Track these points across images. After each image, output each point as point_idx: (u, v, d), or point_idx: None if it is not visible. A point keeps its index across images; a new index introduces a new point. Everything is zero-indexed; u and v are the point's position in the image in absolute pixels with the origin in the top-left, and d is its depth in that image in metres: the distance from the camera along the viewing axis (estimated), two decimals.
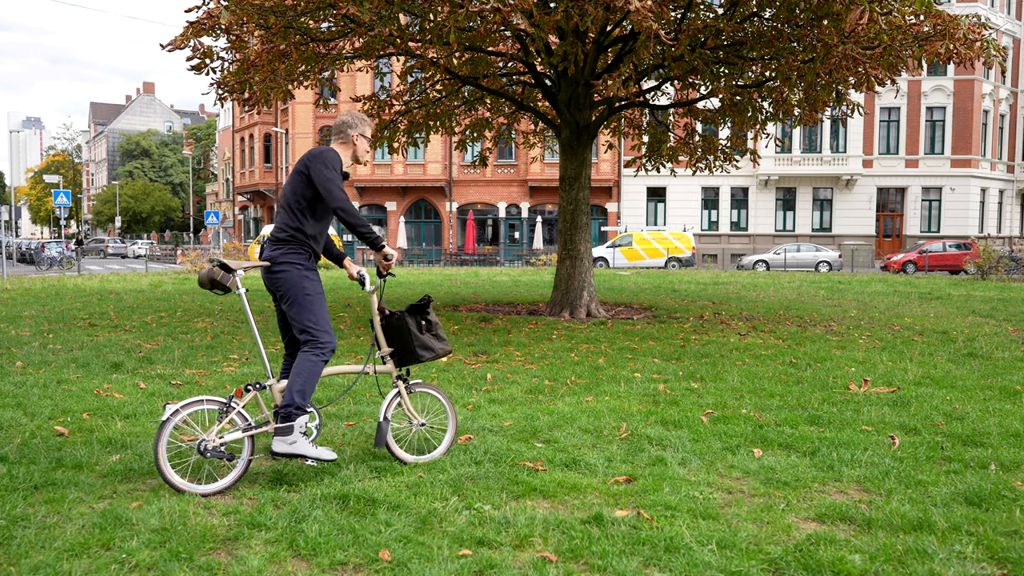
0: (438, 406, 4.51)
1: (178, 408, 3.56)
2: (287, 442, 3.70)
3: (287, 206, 3.87)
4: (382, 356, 4.15)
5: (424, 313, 4.20)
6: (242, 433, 3.71)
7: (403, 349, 4.14)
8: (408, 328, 4.12)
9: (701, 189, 40.80)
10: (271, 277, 3.83)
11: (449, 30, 8.73)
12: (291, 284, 3.79)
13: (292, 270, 3.79)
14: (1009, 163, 42.09)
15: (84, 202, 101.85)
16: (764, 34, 10.25)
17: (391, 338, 4.15)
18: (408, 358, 4.15)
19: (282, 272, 3.79)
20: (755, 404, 5.65)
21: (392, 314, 4.17)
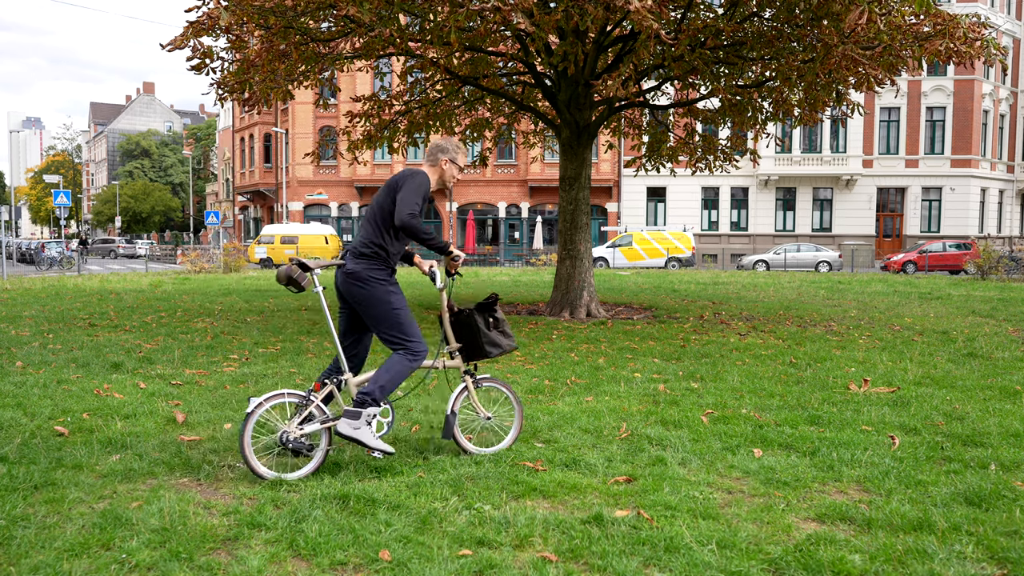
0: (504, 400, 4.62)
1: (261, 401, 3.73)
2: (352, 426, 3.86)
3: (373, 221, 4.03)
4: (450, 352, 4.30)
5: (491, 311, 4.35)
6: (320, 425, 3.87)
7: (471, 345, 4.29)
8: (476, 325, 4.27)
9: (701, 189, 40.79)
10: (352, 289, 3.97)
11: (449, 30, 8.74)
12: (377, 300, 3.95)
13: (377, 286, 3.95)
14: (1009, 163, 42.09)
15: (84, 202, 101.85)
16: (764, 34, 10.25)
17: (459, 334, 4.31)
18: (476, 354, 4.29)
19: (367, 287, 3.94)
20: (755, 404, 5.65)
21: (460, 311, 4.32)
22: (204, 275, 24.99)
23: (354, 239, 3.61)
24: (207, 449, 4.38)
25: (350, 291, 3.97)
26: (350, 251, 4.04)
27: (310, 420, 3.87)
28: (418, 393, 5.99)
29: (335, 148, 15.33)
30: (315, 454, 3.90)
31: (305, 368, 7.07)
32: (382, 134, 13.89)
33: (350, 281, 3.96)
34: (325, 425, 3.88)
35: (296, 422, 3.80)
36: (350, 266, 3.97)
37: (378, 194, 4.10)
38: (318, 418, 3.89)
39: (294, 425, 3.79)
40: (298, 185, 43.27)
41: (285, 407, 4.01)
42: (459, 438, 4.25)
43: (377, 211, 4.02)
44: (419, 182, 3.98)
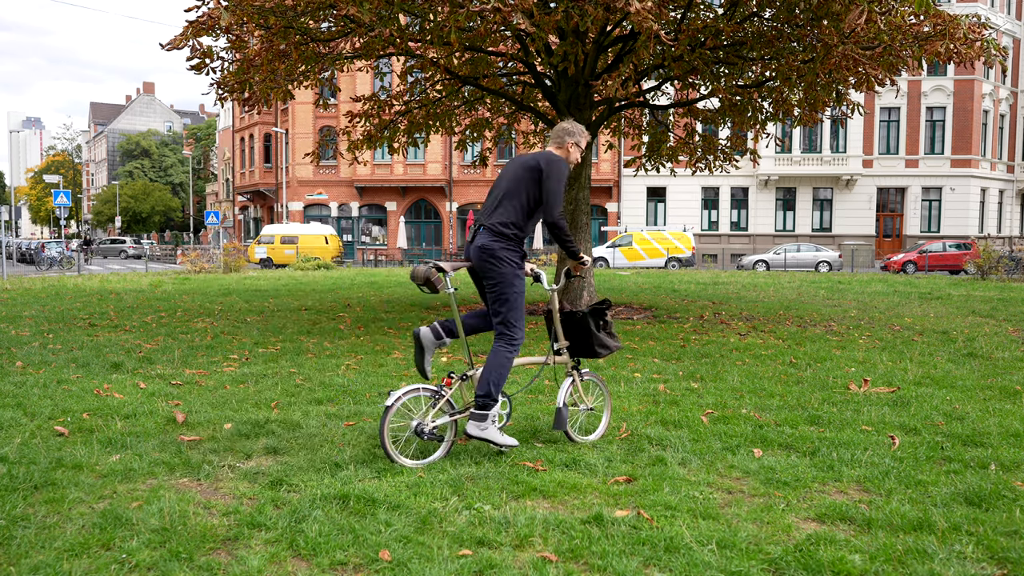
0: (599, 392, 4.89)
1: (400, 395, 4.03)
2: (480, 427, 4.13)
3: (514, 202, 4.14)
4: (559, 348, 4.55)
5: (603, 315, 4.61)
6: (449, 418, 4.16)
7: (580, 344, 4.56)
8: (589, 327, 4.53)
9: (701, 189, 40.80)
10: (484, 263, 4.12)
11: (450, 30, 8.74)
12: (505, 280, 4.12)
13: (509, 268, 4.12)
14: (1009, 163, 42.10)
15: (84, 202, 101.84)
16: (764, 34, 10.25)
17: (568, 333, 4.57)
18: (585, 352, 4.56)
19: (500, 266, 4.11)
20: (755, 404, 5.65)
21: (574, 313, 4.57)
22: (204, 275, 25.00)
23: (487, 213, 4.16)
24: (207, 449, 4.38)
25: (482, 264, 4.13)
26: (487, 227, 4.15)
27: (444, 412, 4.17)
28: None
29: (335, 148, 15.33)
30: (443, 443, 4.19)
31: (305, 368, 7.07)
32: (382, 134, 13.89)
33: (484, 255, 4.10)
34: (453, 418, 4.18)
35: (430, 414, 4.08)
36: (487, 242, 4.10)
37: (516, 172, 4.20)
38: (447, 412, 4.17)
39: (428, 418, 4.07)
40: (298, 185, 43.27)
41: (420, 400, 4.22)
42: (568, 429, 4.50)
43: (518, 191, 4.14)
44: (564, 172, 4.15)
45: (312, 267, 29.26)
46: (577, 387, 4.63)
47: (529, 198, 4.14)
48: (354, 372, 6.89)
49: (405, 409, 4.21)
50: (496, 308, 4.16)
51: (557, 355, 4.55)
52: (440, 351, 8.12)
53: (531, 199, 4.15)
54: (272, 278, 22.81)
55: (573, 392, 4.63)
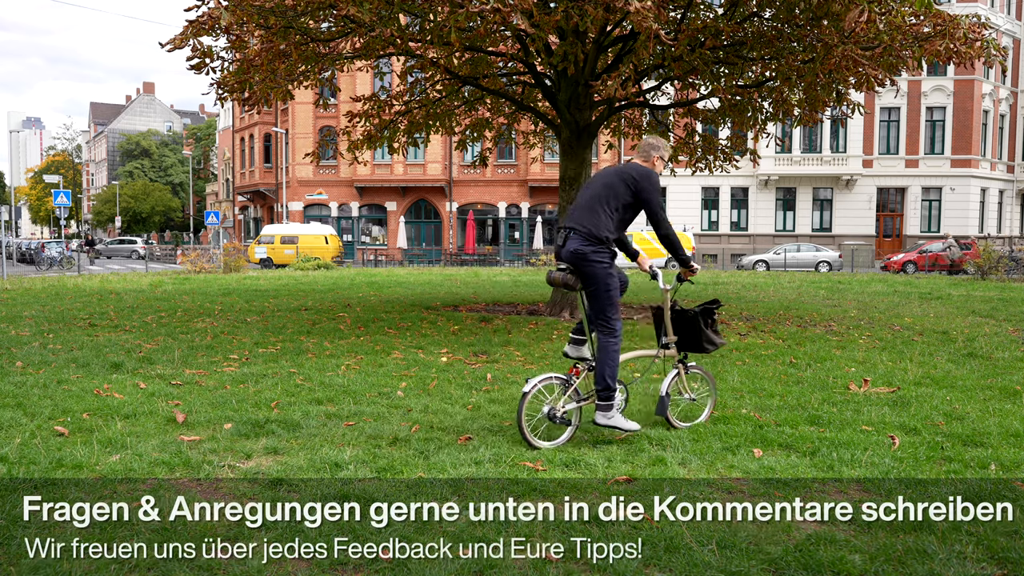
0: (704, 384, 5.24)
1: (536, 383, 4.45)
2: (607, 416, 4.54)
3: (603, 208, 4.50)
4: (667, 343, 4.95)
5: (712, 314, 5.04)
6: (575, 404, 4.55)
7: (689, 339, 5.00)
8: (699, 325, 4.95)
9: (701, 189, 40.79)
10: (579, 265, 4.50)
11: (450, 30, 8.73)
12: (601, 280, 4.49)
13: (602, 269, 4.49)
14: (1009, 163, 42.10)
15: (84, 202, 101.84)
16: (764, 34, 10.24)
17: (677, 328, 4.99)
18: (692, 347, 5.00)
19: (594, 268, 4.48)
20: (755, 404, 5.65)
21: (685, 311, 5.00)
22: (204, 275, 24.99)
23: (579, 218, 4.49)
24: (207, 449, 4.38)
25: (577, 266, 4.50)
26: (579, 232, 4.47)
27: (573, 399, 4.56)
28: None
29: (335, 148, 15.31)
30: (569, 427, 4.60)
31: (305, 368, 7.07)
32: (382, 134, 13.88)
33: (578, 258, 4.47)
34: (579, 405, 4.59)
35: (561, 400, 4.49)
36: (579, 246, 4.45)
37: (608, 180, 4.56)
38: (575, 399, 4.57)
39: (560, 404, 4.49)
40: (298, 185, 43.27)
41: (552, 387, 4.58)
42: (669, 416, 4.88)
43: (607, 198, 4.50)
44: (658, 186, 4.60)
45: (312, 267, 29.26)
46: (682, 379, 5.02)
47: (619, 205, 4.51)
48: (354, 372, 6.89)
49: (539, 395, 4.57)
50: (593, 305, 4.56)
51: (665, 348, 4.95)
52: (439, 352, 8.12)
53: (621, 206, 4.52)
54: (272, 278, 22.81)
55: (678, 383, 5.01)
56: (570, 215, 4.61)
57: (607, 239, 4.47)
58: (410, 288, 18.24)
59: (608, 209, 4.49)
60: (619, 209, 4.52)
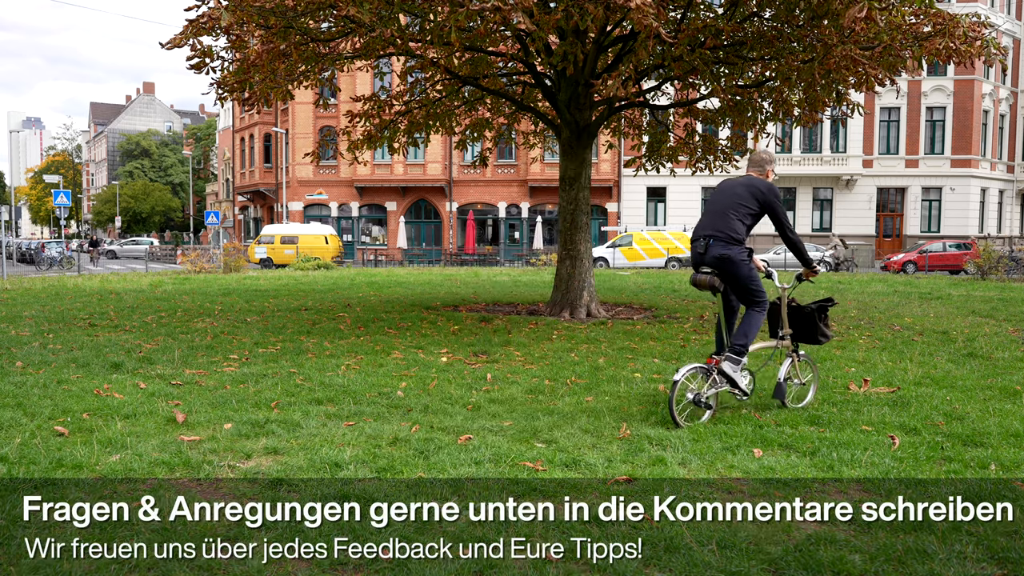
0: (809, 370, 5.77)
1: (684, 372, 5.03)
2: (732, 368, 5.15)
3: (734, 215, 5.17)
4: (783, 335, 5.53)
5: (826, 310, 5.63)
6: (714, 390, 5.14)
7: (804, 332, 5.58)
8: (815, 319, 5.55)
9: (701, 189, 40.78)
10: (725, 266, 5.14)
11: (450, 30, 8.73)
12: (744, 275, 5.17)
13: (744, 264, 5.16)
14: (1009, 163, 42.10)
15: (84, 202, 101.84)
16: (764, 34, 10.24)
17: (793, 323, 5.58)
18: (807, 339, 5.59)
19: (738, 267, 5.15)
20: (755, 404, 5.65)
21: (802, 307, 5.60)
22: (204, 275, 24.99)
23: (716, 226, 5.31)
24: (207, 449, 4.38)
25: (723, 268, 5.14)
26: (720, 239, 5.14)
27: (712, 386, 5.14)
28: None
29: (335, 148, 15.31)
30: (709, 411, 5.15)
31: (305, 368, 7.07)
32: (382, 134, 13.87)
33: (723, 261, 5.12)
34: (716, 391, 5.16)
35: (704, 386, 5.09)
36: (722, 251, 5.12)
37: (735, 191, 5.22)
38: (716, 385, 5.15)
39: (704, 389, 5.08)
40: (298, 185, 43.28)
41: (696, 375, 5.16)
42: (785, 398, 5.49)
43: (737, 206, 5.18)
44: (779, 195, 5.29)
45: (312, 267, 29.26)
46: (795, 366, 5.58)
47: (747, 214, 5.18)
48: (354, 372, 6.89)
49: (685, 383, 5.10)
50: (741, 296, 5.26)
51: (781, 340, 5.54)
52: (439, 352, 8.11)
53: (748, 215, 5.19)
54: (272, 278, 22.81)
55: (791, 370, 5.55)
56: (704, 225, 5.27)
57: (742, 239, 5.17)
58: (410, 288, 18.24)
59: (738, 216, 5.16)
60: (746, 217, 5.18)
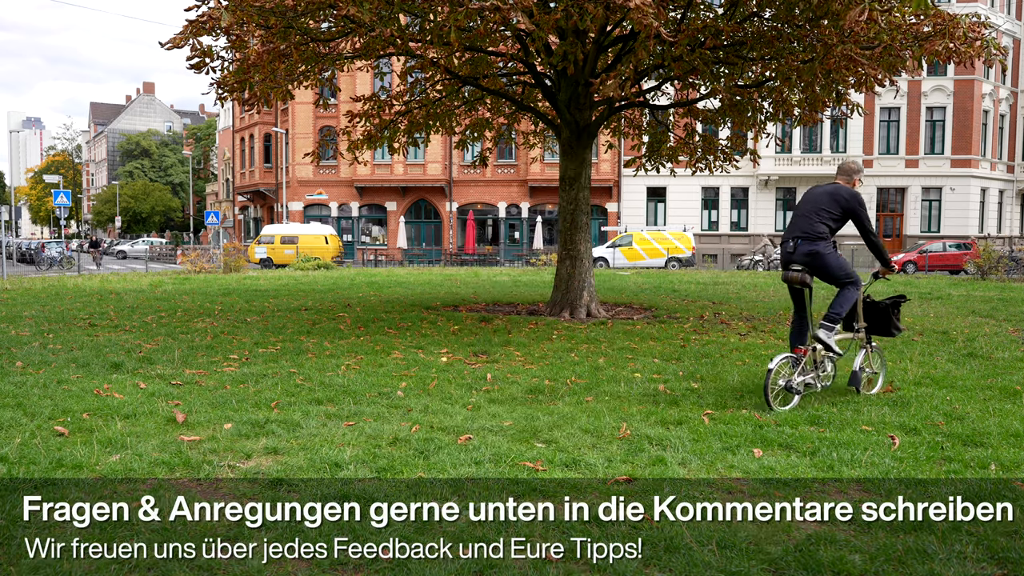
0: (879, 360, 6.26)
1: (778, 361, 5.50)
2: (826, 335, 5.67)
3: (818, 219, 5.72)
4: (859, 328, 6.04)
5: (898, 306, 6.21)
6: (802, 378, 5.58)
7: (878, 325, 6.12)
8: (890, 314, 6.12)
9: (701, 189, 40.78)
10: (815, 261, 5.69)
11: (449, 30, 8.73)
12: (833, 264, 5.73)
13: (832, 255, 5.73)
14: (1009, 163, 42.09)
15: (84, 202, 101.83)
16: (764, 34, 10.24)
17: (867, 316, 6.10)
18: (881, 332, 6.13)
19: (827, 259, 5.70)
20: (755, 404, 5.65)
21: (877, 303, 6.13)
22: (204, 275, 24.99)
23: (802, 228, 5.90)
24: (207, 449, 4.38)
25: (813, 264, 5.69)
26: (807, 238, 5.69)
27: (801, 373, 5.59)
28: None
29: (335, 148, 15.31)
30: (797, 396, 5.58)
31: (305, 368, 7.07)
32: (382, 134, 13.87)
33: (812, 257, 5.68)
34: (806, 378, 5.61)
35: (794, 374, 5.55)
36: (811, 248, 5.68)
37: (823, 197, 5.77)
38: (805, 372, 5.63)
39: (795, 376, 5.54)
40: (298, 185, 43.28)
41: (787, 364, 5.61)
42: (859, 386, 5.92)
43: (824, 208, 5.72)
44: (864, 202, 5.81)
45: (312, 267, 29.25)
46: (868, 356, 6.05)
47: (830, 218, 5.72)
48: (354, 372, 6.89)
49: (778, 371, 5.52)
50: (837, 279, 5.78)
51: (857, 333, 6.03)
52: (439, 352, 8.12)
53: (831, 219, 5.72)
54: (272, 278, 22.81)
55: (864, 360, 6.01)
56: (792, 227, 5.84)
57: (828, 237, 5.75)
58: (410, 288, 18.24)
59: (821, 219, 5.72)
60: (829, 220, 5.73)
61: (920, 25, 9.69)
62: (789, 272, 5.71)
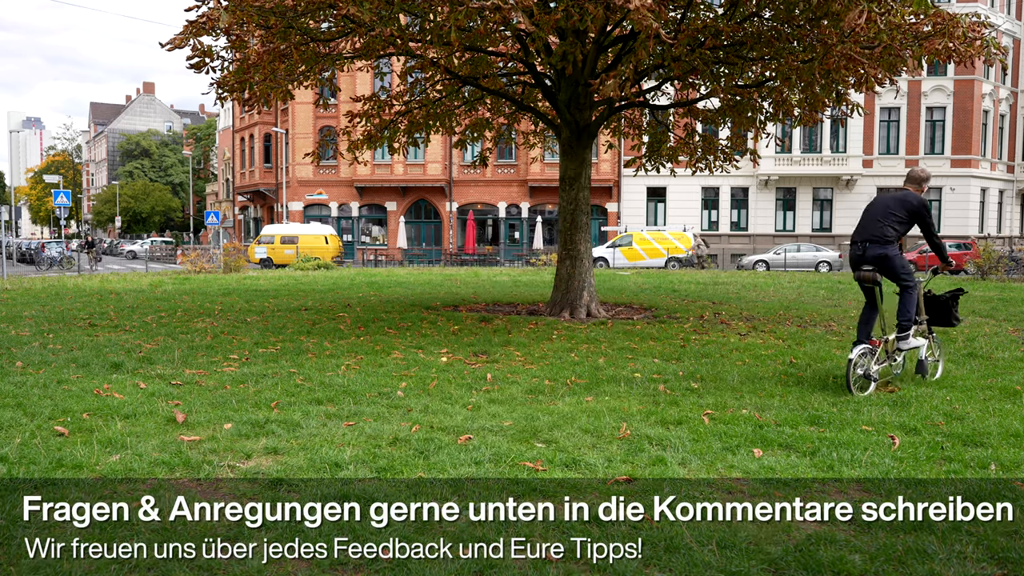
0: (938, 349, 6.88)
1: (858, 352, 6.10)
2: (905, 341, 6.37)
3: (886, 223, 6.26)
4: (921, 320, 6.59)
5: (957, 299, 6.77)
6: (878, 366, 6.22)
7: (939, 316, 6.72)
8: (950, 306, 6.71)
9: (701, 189, 40.78)
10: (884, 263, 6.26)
11: (449, 29, 8.73)
12: (899, 267, 6.32)
13: (898, 258, 6.33)
14: (1009, 163, 42.09)
15: (84, 202, 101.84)
16: (764, 34, 10.24)
17: (929, 309, 6.72)
18: (941, 323, 6.74)
19: (894, 261, 6.28)
20: (755, 404, 5.65)
21: (937, 296, 6.70)
22: (204, 275, 24.99)
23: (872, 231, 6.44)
24: (207, 449, 4.38)
25: (881, 265, 6.26)
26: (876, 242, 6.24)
27: (877, 362, 6.23)
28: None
29: (335, 148, 15.31)
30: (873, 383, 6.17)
31: (305, 368, 7.07)
32: (382, 134, 13.87)
33: (880, 259, 6.24)
34: (879, 366, 6.24)
35: (871, 363, 6.16)
36: (881, 251, 6.24)
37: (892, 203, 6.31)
38: (880, 361, 6.26)
39: (872, 365, 6.16)
40: (298, 185, 43.28)
41: (866, 354, 6.17)
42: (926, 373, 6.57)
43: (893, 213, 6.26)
44: (929, 207, 6.38)
45: (312, 267, 29.25)
46: (931, 346, 6.68)
47: (896, 223, 6.25)
48: (354, 372, 6.89)
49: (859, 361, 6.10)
50: (900, 280, 6.35)
51: (919, 324, 6.55)
52: (439, 352, 8.12)
53: (898, 223, 6.25)
54: (272, 278, 22.81)
55: (928, 350, 6.62)
56: (862, 230, 6.37)
57: (895, 240, 6.28)
58: (410, 288, 18.24)
59: (889, 223, 6.25)
60: (897, 224, 6.25)
61: (920, 25, 9.69)
62: (861, 272, 6.32)
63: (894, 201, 6.31)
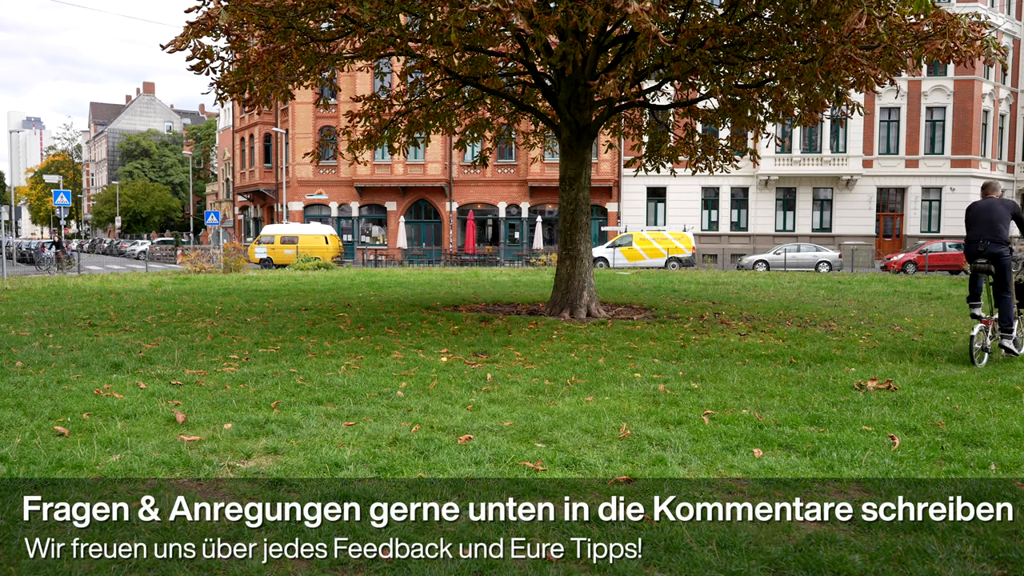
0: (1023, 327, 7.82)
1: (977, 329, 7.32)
2: (1009, 342, 7.49)
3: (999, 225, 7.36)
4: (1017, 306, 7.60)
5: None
6: (989, 341, 7.39)
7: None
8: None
9: (701, 189, 40.78)
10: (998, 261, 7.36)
11: (449, 30, 8.73)
12: (1007, 268, 7.44)
13: (1007, 259, 7.41)
14: (1009, 163, 42.10)
15: (84, 202, 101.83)
16: (764, 34, 10.24)
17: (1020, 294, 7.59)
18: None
19: (1006, 261, 7.39)
20: (755, 404, 5.65)
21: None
22: (204, 275, 24.99)
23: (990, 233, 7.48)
24: (207, 449, 4.38)
25: (996, 261, 7.34)
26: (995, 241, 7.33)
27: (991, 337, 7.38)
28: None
29: (335, 148, 15.32)
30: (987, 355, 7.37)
31: (305, 368, 7.07)
32: (382, 134, 13.87)
33: (996, 256, 7.34)
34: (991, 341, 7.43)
35: (986, 338, 7.33)
36: (997, 249, 7.34)
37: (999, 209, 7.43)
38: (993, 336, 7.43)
39: (987, 340, 7.33)
40: (298, 185, 43.28)
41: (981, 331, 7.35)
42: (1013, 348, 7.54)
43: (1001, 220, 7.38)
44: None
45: (312, 267, 29.26)
46: (1020, 324, 7.67)
47: (1007, 223, 7.37)
48: (354, 372, 6.89)
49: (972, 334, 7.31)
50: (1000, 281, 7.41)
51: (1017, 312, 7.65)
52: (439, 352, 8.13)
53: (1006, 225, 7.36)
54: (272, 278, 22.81)
55: (1016, 328, 7.57)
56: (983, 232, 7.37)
57: (1008, 242, 7.36)
58: (410, 288, 18.24)
59: (1004, 225, 7.33)
60: (1008, 226, 7.36)
61: (920, 25, 9.69)
62: (977, 263, 7.43)
63: (1001, 206, 7.46)
